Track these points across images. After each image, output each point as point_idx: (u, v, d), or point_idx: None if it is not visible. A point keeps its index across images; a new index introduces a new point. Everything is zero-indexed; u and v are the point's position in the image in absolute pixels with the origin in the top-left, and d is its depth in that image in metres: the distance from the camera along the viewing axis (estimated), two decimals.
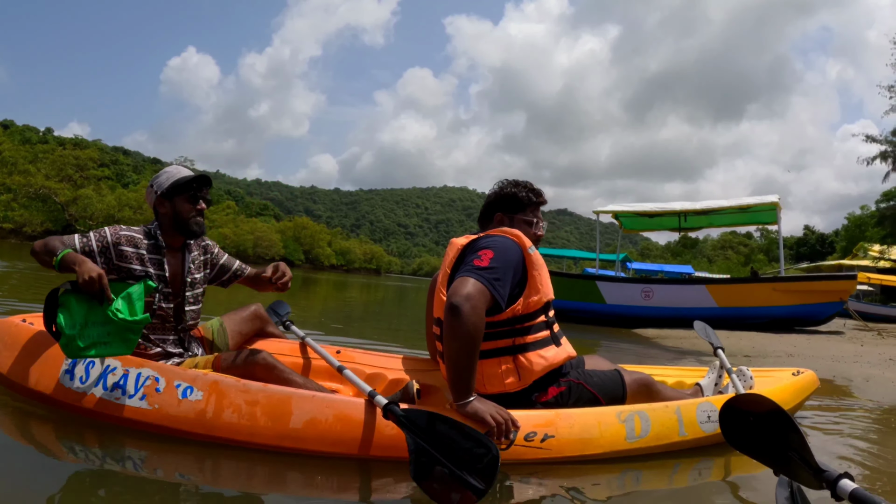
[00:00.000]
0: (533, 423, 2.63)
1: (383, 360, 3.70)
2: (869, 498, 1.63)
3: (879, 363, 8.08)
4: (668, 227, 17.82)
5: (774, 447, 1.91)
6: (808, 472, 1.81)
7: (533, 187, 3.19)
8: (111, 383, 2.64)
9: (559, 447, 2.62)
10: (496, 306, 2.65)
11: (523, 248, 2.84)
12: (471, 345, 2.50)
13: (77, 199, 67.99)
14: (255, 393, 2.55)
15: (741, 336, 11.69)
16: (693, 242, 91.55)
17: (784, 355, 8.79)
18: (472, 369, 2.54)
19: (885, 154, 35.44)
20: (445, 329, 2.55)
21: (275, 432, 2.49)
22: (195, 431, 2.54)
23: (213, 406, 2.54)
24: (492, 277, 2.61)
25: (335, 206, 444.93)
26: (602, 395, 2.98)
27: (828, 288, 14.38)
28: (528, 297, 2.81)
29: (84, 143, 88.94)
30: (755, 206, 15.50)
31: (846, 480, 1.71)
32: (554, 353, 2.88)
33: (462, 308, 2.46)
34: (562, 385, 2.94)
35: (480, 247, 2.77)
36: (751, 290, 14.53)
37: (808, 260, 60.94)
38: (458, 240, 2.99)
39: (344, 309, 14.56)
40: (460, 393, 2.53)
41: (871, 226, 46.95)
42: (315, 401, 2.54)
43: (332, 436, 2.48)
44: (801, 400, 3.91)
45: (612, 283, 16.09)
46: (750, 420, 1.98)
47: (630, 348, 9.43)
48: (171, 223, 3.13)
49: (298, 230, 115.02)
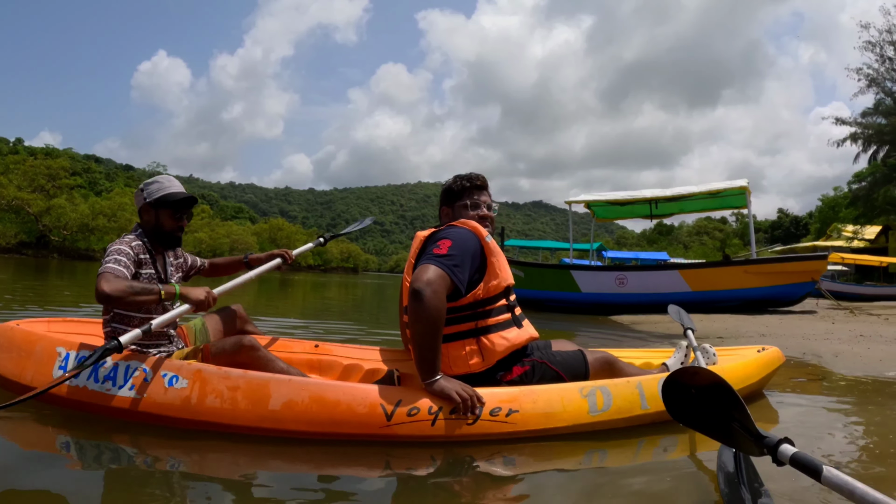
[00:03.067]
0: (498, 398, 2.75)
1: (360, 352, 3.88)
2: (809, 461, 1.67)
3: (849, 339, 8.21)
4: (639, 215, 17.93)
5: (716, 418, 1.95)
6: (749, 439, 1.85)
7: (467, 175, 3.35)
8: (102, 376, 2.79)
9: (524, 421, 2.74)
10: (456, 291, 2.83)
11: (480, 238, 3.01)
12: (433, 326, 2.66)
13: (50, 210, 66.90)
14: (235, 379, 2.71)
15: (714, 318, 11.82)
16: (668, 229, 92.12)
17: (756, 335, 8.89)
18: (437, 350, 2.71)
19: (854, 136, 35.87)
20: (410, 313, 2.70)
21: (255, 415, 2.64)
22: (181, 417, 2.69)
23: (197, 393, 2.70)
24: (451, 264, 2.79)
25: (310, 206, 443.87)
26: (565, 373, 3.12)
27: (799, 269, 14.53)
28: (487, 283, 2.98)
29: (55, 153, 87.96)
30: (725, 191, 15.62)
31: (786, 445, 1.75)
32: (515, 335, 3.03)
33: (424, 293, 2.63)
34: (525, 364, 3.08)
35: (439, 237, 2.96)
36: (723, 274, 14.67)
37: (781, 242, 61.48)
38: (422, 232, 3.21)
39: (323, 309, 14.53)
40: (427, 372, 2.69)
41: (844, 207, 47.46)
42: (291, 384, 2.69)
43: (309, 416, 2.62)
44: (766, 374, 4.03)
45: (586, 271, 16.22)
46: (692, 393, 2.01)
47: (604, 335, 9.48)
48: (151, 231, 3.29)
49: (274, 232, 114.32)
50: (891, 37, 33.61)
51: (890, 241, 41.93)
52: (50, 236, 68.07)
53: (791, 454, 1.71)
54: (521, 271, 14.68)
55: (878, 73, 34.44)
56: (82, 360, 2.76)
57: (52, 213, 67.10)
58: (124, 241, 3.17)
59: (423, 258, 2.86)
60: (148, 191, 3.27)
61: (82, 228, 69.01)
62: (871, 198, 35.20)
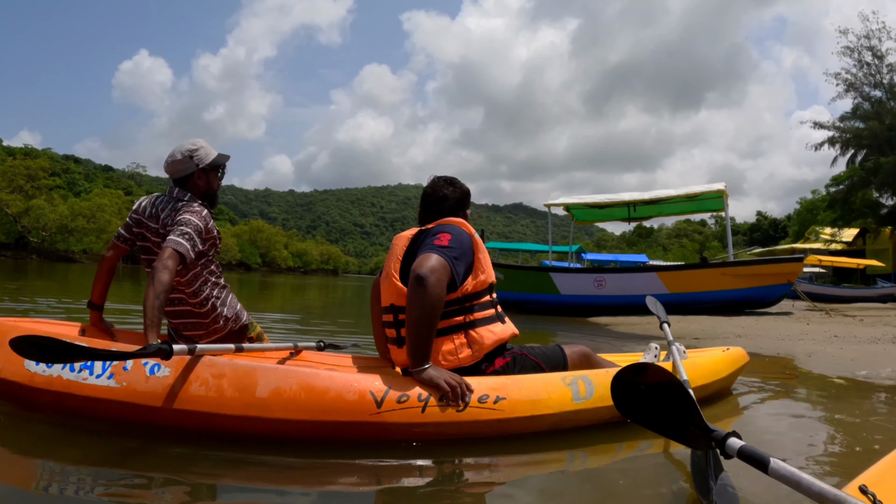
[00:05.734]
0: (486, 386, 2.77)
1: (337, 360, 3.77)
2: (756, 454, 1.71)
3: (823, 340, 8.32)
4: (618, 218, 18.07)
5: (665, 413, 1.97)
6: (697, 434, 1.88)
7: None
8: (78, 365, 2.66)
9: (511, 408, 2.77)
10: (452, 283, 2.83)
11: (472, 235, 3.05)
12: (432, 314, 2.69)
13: (29, 210, 66.45)
14: (221, 367, 2.63)
15: (692, 320, 11.91)
16: (648, 232, 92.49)
17: (732, 336, 8.99)
18: (431, 338, 2.75)
19: (832, 139, 36.22)
20: (410, 299, 2.70)
21: (242, 402, 2.55)
22: (163, 406, 2.56)
23: (180, 381, 2.59)
24: (452, 255, 2.81)
25: (290, 208, 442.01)
26: (544, 364, 3.18)
27: (775, 271, 14.70)
28: (476, 277, 3.00)
29: (34, 153, 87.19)
30: (703, 194, 15.78)
31: (734, 439, 1.78)
32: (501, 329, 3.06)
33: (428, 279, 2.64)
34: (507, 356, 3.12)
35: (437, 232, 2.97)
36: (701, 276, 14.81)
37: (760, 245, 61.87)
38: (404, 233, 3.20)
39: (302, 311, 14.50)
40: (417, 360, 2.71)
41: (822, 210, 47.84)
42: (279, 372, 2.63)
43: (297, 404, 2.55)
44: (730, 373, 4.13)
45: (565, 273, 16.30)
46: (641, 389, 2.02)
47: (583, 336, 9.53)
48: (203, 194, 3.48)
49: (254, 233, 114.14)
50: (869, 42, 34.07)
51: (867, 244, 42.26)
52: (29, 237, 67.58)
53: (738, 447, 1.75)
54: (500, 273, 14.71)
55: (856, 77, 34.91)
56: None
57: (32, 214, 66.62)
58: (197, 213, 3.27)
59: (424, 248, 2.86)
60: (197, 156, 3.44)
61: (61, 229, 68.62)
62: (848, 201, 35.57)
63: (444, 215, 3.26)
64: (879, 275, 36.73)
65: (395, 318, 3.04)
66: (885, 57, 33.95)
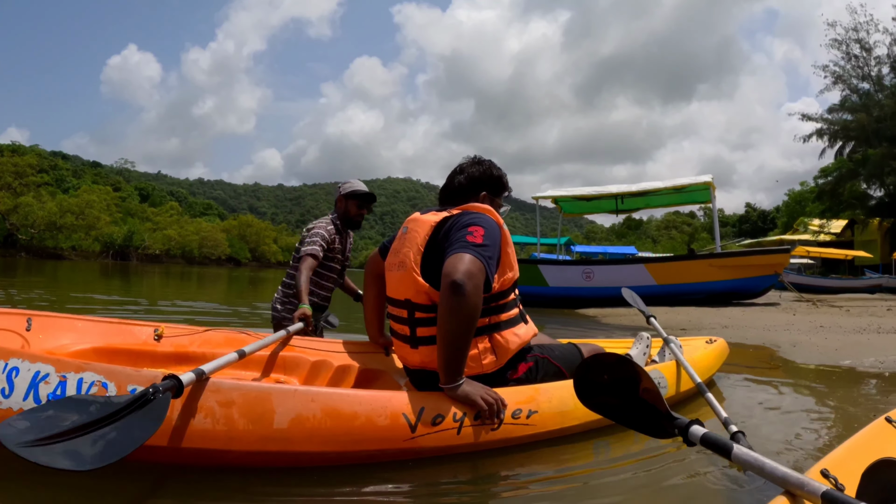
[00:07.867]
0: (516, 400, 2.57)
1: (327, 346, 3.63)
2: (718, 441, 1.72)
3: (809, 330, 8.39)
4: (606, 210, 18.07)
5: (628, 403, 1.96)
6: (660, 421, 1.89)
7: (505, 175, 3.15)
8: (44, 394, 2.15)
9: (542, 422, 2.60)
10: (486, 285, 2.51)
11: (501, 226, 2.75)
12: (469, 325, 2.41)
13: (17, 208, 66.14)
14: (228, 392, 2.17)
15: (679, 311, 12.00)
16: (637, 224, 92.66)
17: (719, 327, 9.06)
18: (467, 350, 2.47)
19: (821, 131, 36.33)
20: (445, 309, 2.38)
21: (257, 436, 2.14)
22: (159, 445, 2.06)
23: (178, 411, 2.09)
24: (487, 255, 2.51)
25: (279, 203, 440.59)
26: (565, 368, 2.97)
27: (762, 262, 14.77)
28: (503, 275, 2.72)
29: (22, 150, 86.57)
30: (690, 186, 15.82)
31: (697, 427, 1.79)
32: (525, 331, 2.85)
33: (465, 287, 2.34)
34: (529, 361, 2.90)
35: (468, 223, 2.63)
36: (688, 267, 14.90)
37: (749, 236, 62.07)
38: (426, 217, 2.81)
39: None
40: (451, 375, 2.43)
41: (810, 201, 48.02)
42: (297, 395, 2.23)
43: (323, 433, 2.20)
44: (712, 363, 4.17)
45: (554, 266, 16.36)
46: (605, 379, 1.99)
47: (572, 328, 9.58)
48: (342, 216, 4.41)
49: (243, 228, 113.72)
50: (857, 35, 34.20)
51: (856, 235, 42.51)
52: (18, 235, 67.21)
53: (701, 434, 1.76)
54: None
55: (844, 70, 35.04)
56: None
57: (20, 212, 66.33)
58: (323, 227, 4.23)
59: (457, 245, 2.50)
60: (343, 188, 4.41)
61: (50, 226, 68.32)
62: (836, 192, 35.68)
63: (464, 194, 2.99)
64: (867, 266, 36.96)
65: (411, 316, 2.72)
66: (872, 49, 34.12)
